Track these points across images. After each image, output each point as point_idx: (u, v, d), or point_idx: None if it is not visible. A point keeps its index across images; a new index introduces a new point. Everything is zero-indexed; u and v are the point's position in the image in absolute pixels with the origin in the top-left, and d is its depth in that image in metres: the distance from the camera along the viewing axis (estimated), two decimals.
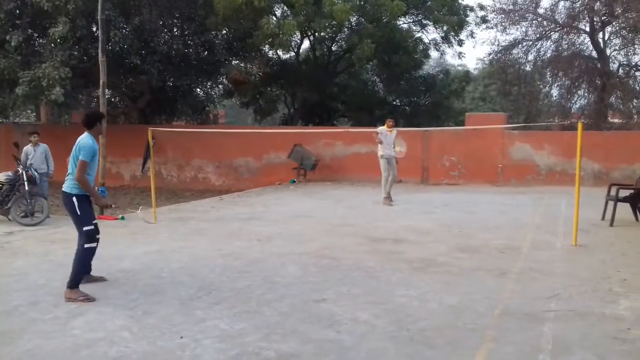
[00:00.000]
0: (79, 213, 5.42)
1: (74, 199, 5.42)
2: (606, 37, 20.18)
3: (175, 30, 19.42)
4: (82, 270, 5.40)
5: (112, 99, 21.48)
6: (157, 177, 13.25)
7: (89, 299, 5.17)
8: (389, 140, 11.75)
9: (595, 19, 19.68)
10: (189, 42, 18.80)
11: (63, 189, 5.48)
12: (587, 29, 20.09)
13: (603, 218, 9.53)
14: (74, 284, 5.27)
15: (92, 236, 5.46)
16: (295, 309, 5.01)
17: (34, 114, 25.88)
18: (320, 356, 3.98)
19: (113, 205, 6.08)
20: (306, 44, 23.81)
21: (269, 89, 24.17)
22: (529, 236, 8.33)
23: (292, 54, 23.47)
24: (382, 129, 11.81)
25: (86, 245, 5.41)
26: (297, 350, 4.08)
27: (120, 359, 3.93)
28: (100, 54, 10.99)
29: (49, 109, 21.34)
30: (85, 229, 5.41)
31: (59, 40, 14.99)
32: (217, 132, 18.49)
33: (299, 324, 4.61)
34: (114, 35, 15.67)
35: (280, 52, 22.43)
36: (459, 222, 9.58)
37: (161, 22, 18.35)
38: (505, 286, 5.69)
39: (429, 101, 24.92)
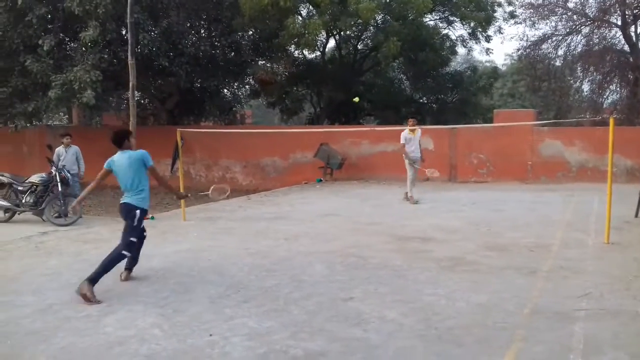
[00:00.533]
0: (135, 224, 5.80)
1: (138, 212, 5.82)
2: (638, 31, 19.69)
3: (202, 32, 19.62)
4: (106, 271, 5.51)
5: (142, 101, 21.81)
6: (185, 177, 13.42)
7: (97, 301, 5.23)
8: (413, 142, 11.67)
9: (627, 12, 19.19)
10: (216, 43, 18.98)
11: (128, 202, 5.83)
12: (619, 23, 19.62)
13: (636, 215, 9.32)
14: (94, 281, 5.36)
15: (132, 247, 5.81)
16: (322, 307, 5.03)
17: (67, 116, 26.44)
18: (348, 355, 3.99)
19: (189, 195, 6.78)
20: (332, 43, 23.81)
21: (295, 88, 24.24)
22: (559, 234, 8.20)
23: (318, 53, 23.48)
24: (405, 133, 11.70)
25: (123, 252, 5.69)
26: (324, 348, 4.10)
27: (151, 356, 4.01)
28: (129, 57, 11.18)
29: (81, 111, 21.83)
30: (131, 239, 5.76)
31: (89, 44, 15.27)
32: (244, 132, 18.63)
33: (326, 323, 4.63)
34: (143, 38, 15.91)
35: (306, 52, 22.45)
36: (488, 220, 9.48)
37: (189, 24, 18.55)
38: (535, 285, 5.61)
39: (457, 98, 24.65)
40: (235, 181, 19.04)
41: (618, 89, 20.70)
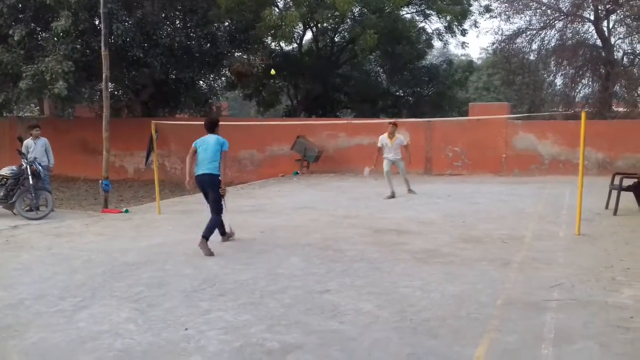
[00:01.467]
0: (222, 190, 7.00)
1: (219, 179, 7.03)
2: (610, 26, 20.02)
3: (177, 22, 19.38)
4: (213, 230, 6.86)
5: (115, 92, 21.49)
6: (160, 170, 13.28)
7: (211, 253, 6.62)
8: (389, 149, 11.48)
9: (599, 8, 19.50)
10: (192, 34, 18.77)
11: (211, 172, 7.02)
12: (592, 18, 19.93)
13: (607, 207, 9.52)
14: (207, 236, 6.76)
15: (222, 210, 7.12)
16: (298, 300, 5.04)
17: (38, 108, 25.93)
18: (324, 347, 4.00)
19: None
20: (309, 35, 23.75)
21: (271, 80, 24.13)
22: (532, 226, 8.33)
23: (295, 45, 23.41)
24: (383, 138, 11.52)
25: (221, 215, 7.05)
26: (300, 341, 4.11)
27: (125, 351, 3.97)
28: (103, 48, 10.99)
29: (53, 102, 21.40)
30: (222, 203, 7.04)
31: (61, 34, 14.99)
32: (220, 124, 18.48)
33: (303, 315, 4.64)
34: (117, 28, 15.66)
35: (282, 44, 22.37)
36: (462, 212, 9.58)
37: (163, 15, 18.32)
38: (508, 276, 5.70)
39: (433, 91, 24.83)
40: None
41: (590, 83, 21.06)
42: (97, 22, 16.33)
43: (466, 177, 15.59)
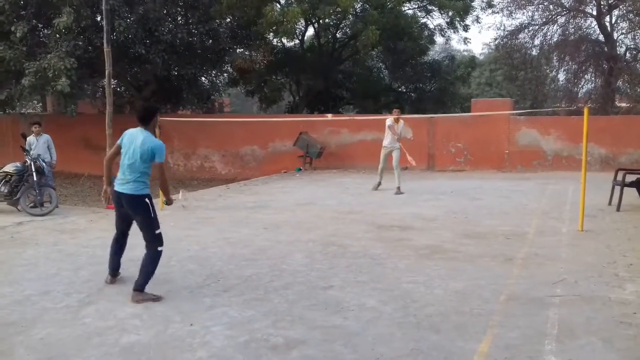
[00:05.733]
0: (152, 215, 5.00)
1: (147, 199, 5.00)
2: (613, 21, 20.00)
3: (179, 19, 19.35)
4: (152, 274, 5.02)
5: (118, 89, 21.47)
6: None
7: (157, 298, 4.94)
8: (396, 130, 11.72)
9: (602, 3, 19.47)
10: (194, 30, 18.75)
11: (129, 192, 4.96)
12: (594, 13, 19.90)
13: (610, 203, 9.52)
14: (142, 287, 4.96)
15: (161, 239, 5.09)
16: (302, 296, 5.06)
17: (40, 105, 25.94)
18: (328, 342, 4.03)
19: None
20: (310, 31, 23.73)
21: (273, 77, 24.13)
22: (535, 222, 8.34)
23: (297, 41, 23.39)
24: (389, 121, 11.77)
25: (159, 248, 5.03)
26: (304, 336, 4.14)
27: (131, 347, 4.00)
28: (105, 44, 11.00)
29: (55, 99, 21.40)
30: (157, 232, 5.02)
31: (63, 30, 14.98)
32: (222, 121, 18.52)
33: (306, 311, 4.66)
34: (119, 25, 15.66)
35: (284, 40, 22.36)
36: (465, 208, 9.60)
37: (165, 11, 18.28)
38: (511, 272, 5.72)
39: (435, 87, 24.81)
40: (214, 170, 18.95)
41: (593, 78, 21.05)
42: (99, 19, 16.33)
43: (469, 173, 15.59)
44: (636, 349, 3.84)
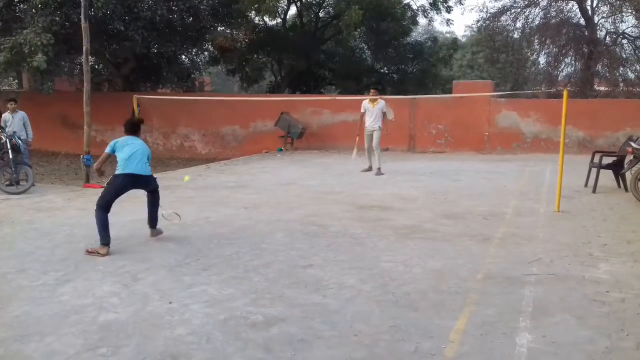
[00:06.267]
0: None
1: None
2: (594, 5, 20.10)
3: None
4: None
5: (96, 66, 21.13)
6: None
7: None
8: (372, 112, 11.56)
9: None
10: (174, 7, 18.42)
11: (146, 174, 6.26)
12: None
13: (586, 185, 9.67)
14: (156, 223, 6.46)
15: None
16: (282, 274, 5.08)
17: (16, 81, 25.41)
18: (307, 319, 4.06)
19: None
20: (293, 10, 23.52)
21: (255, 56, 23.90)
22: (513, 203, 8.45)
23: (279, 20, 23.16)
24: (365, 103, 11.68)
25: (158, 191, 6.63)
26: (284, 314, 4.16)
27: (109, 325, 3.98)
28: (82, 20, 10.77)
29: (31, 76, 20.96)
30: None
31: (40, 5, 14.64)
32: (203, 99, 18.34)
33: (286, 289, 4.68)
34: (97, 0, 15.33)
35: (266, 19, 22.11)
36: (445, 189, 9.67)
37: None
38: (488, 251, 5.80)
39: (417, 69, 24.83)
40: (194, 150, 18.81)
41: (573, 62, 21.20)
42: None
43: (449, 155, 15.69)
44: (608, 326, 3.93)
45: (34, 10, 14.98)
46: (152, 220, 6.40)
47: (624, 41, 20.46)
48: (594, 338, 3.73)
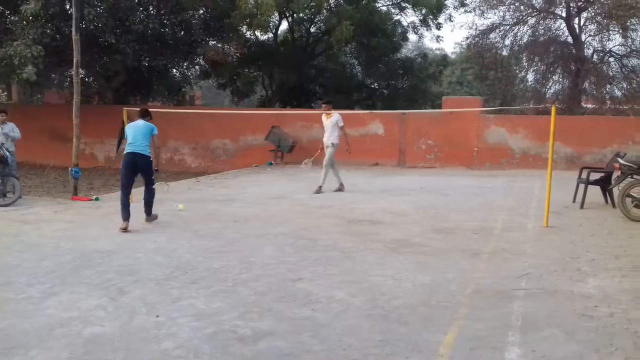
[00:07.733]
0: (154, 169, 7.95)
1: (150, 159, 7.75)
2: (582, 23, 20.37)
3: (151, 9, 19.05)
4: (153, 202, 7.93)
5: (86, 79, 21.04)
6: None
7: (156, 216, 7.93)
8: (325, 128, 11.34)
9: (571, 5, 19.82)
10: (165, 21, 18.48)
11: (143, 153, 7.61)
12: (564, 15, 20.25)
13: (574, 200, 9.73)
14: (151, 212, 7.93)
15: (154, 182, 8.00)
16: (271, 288, 5.04)
17: (5, 93, 25.27)
18: (296, 333, 4.03)
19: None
20: (284, 25, 23.62)
21: (246, 70, 23.95)
22: (502, 218, 8.48)
23: (270, 35, 23.26)
24: (323, 117, 11.43)
25: (153, 187, 7.93)
26: (272, 328, 4.13)
27: (95, 338, 3.93)
28: (74, 32, 10.75)
29: (21, 88, 20.87)
30: (153, 177, 7.92)
31: (30, 17, 14.62)
32: (193, 112, 18.31)
33: (275, 303, 4.65)
34: (88, 13, 15.33)
35: (258, 33, 22.18)
36: (434, 204, 9.69)
37: (137, 1, 17.98)
38: (478, 266, 5.80)
39: (407, 84, 24.97)
40: (183, 163, 18.74)
41: (560, 79, 21.41)
42: (68, 6, 15.94)
43: (439, 170, 15.75)
44: (597, 340, 3.94)
45: (24, 22, 14.95)
46: (146, 205, 7.77)
47: (611, 59, 20.70)
48: (582, 353, 3.73)
